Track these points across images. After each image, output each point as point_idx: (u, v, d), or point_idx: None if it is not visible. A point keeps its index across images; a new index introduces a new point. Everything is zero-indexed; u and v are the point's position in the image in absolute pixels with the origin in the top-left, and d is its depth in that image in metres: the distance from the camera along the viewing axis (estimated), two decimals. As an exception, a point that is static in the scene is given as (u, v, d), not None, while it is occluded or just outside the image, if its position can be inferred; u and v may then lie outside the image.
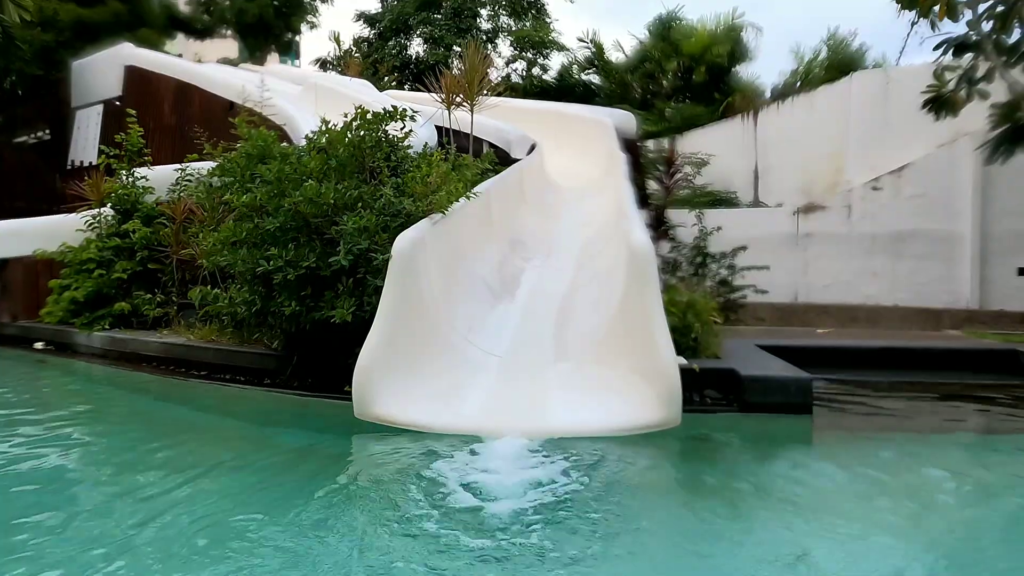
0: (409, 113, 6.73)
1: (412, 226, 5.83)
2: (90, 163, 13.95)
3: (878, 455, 4.70)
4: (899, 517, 3.49)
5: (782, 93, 16.16)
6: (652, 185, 14.03)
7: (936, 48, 9.35)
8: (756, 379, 5.54)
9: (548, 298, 7.26)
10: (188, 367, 7.38)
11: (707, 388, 5.70)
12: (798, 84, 16.85)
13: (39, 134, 17.81)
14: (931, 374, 7.00)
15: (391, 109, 6.70)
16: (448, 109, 10.00)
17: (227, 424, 5.72)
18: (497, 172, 8.95)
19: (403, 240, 5.51)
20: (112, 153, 10.15)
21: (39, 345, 9.57)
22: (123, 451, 4.80)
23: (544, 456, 4.28)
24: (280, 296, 6.05)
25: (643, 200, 11.55)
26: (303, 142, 7.17)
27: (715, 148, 15.45)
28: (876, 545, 3.13)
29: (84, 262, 9.13)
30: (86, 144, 15.32)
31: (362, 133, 6.52)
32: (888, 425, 5.53)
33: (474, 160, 8.36)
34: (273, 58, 23.77)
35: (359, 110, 6.53)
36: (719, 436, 5.03)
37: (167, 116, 14.07)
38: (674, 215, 12.87)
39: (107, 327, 8.84)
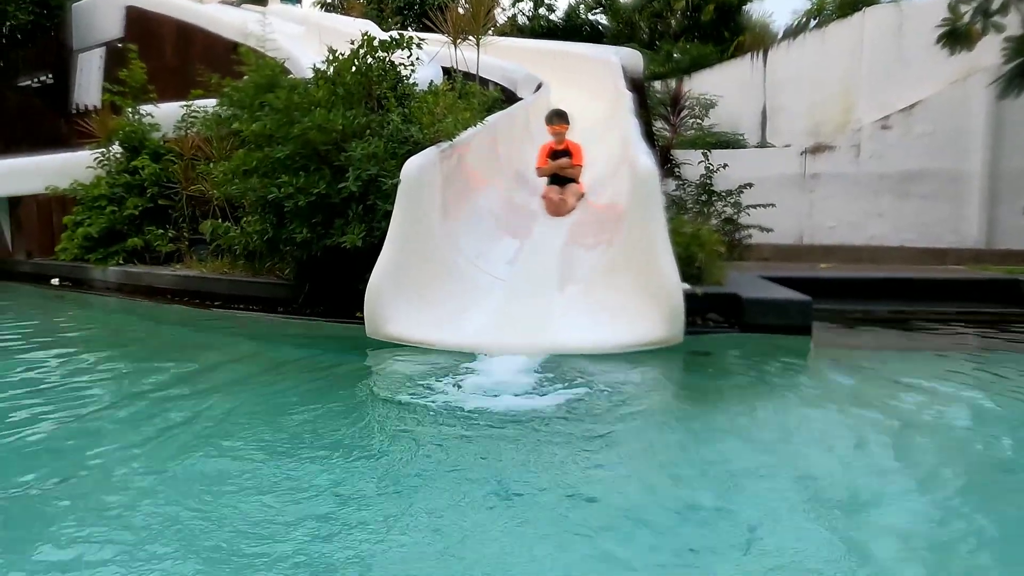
0: (416, 41, 6.71)
1: (420, 152, 5.89)
2: (95, 107, 13.89)
3: (874, 369, 4.84)
4: (896, 423, 3.59)
5: (794, 32, 15.83)
6: (658, 125, 13.94)
7: (952, -20, 9.19)
8: (756, 301, 5.65)
9: (554, 230, 7.34)
10: (202, 298, 7.55)
11: (709, 312, 5.82)
12: (809, 21, 16.51)
13: (42, 78, 17.68)
14: (932, 303, 7.10)
15: (397, 37, 6.69)
16: (454, 44, 9.91)
17: (244, 343, 5.91)
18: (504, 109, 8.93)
19: (412, 164, 5.58)
20: (116, 90, 10.16)
21: (55, 281, 9.76)
22: (144, 366, 4.97)
23: (547, 370, 4.42)
24: (292, 224, 6.17)
25: (649, 140, 11.50)
26: (305, 81, 7.15)
27: (723, 89, 15.23)
28: (875, 450, 3.25)
29: (96, 199, 9.25)
30: (89, 87, 15.25)
31: (369, 60, 6.52)
32: (886, 343, 5.65)
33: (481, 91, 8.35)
34: None
35: (366, 36, 6.52)
36: (720, 352, 5.17)
37: (169, 57, 13.96)
38: (680, 156, 12.83)
39: (121, 262, 9.00)
